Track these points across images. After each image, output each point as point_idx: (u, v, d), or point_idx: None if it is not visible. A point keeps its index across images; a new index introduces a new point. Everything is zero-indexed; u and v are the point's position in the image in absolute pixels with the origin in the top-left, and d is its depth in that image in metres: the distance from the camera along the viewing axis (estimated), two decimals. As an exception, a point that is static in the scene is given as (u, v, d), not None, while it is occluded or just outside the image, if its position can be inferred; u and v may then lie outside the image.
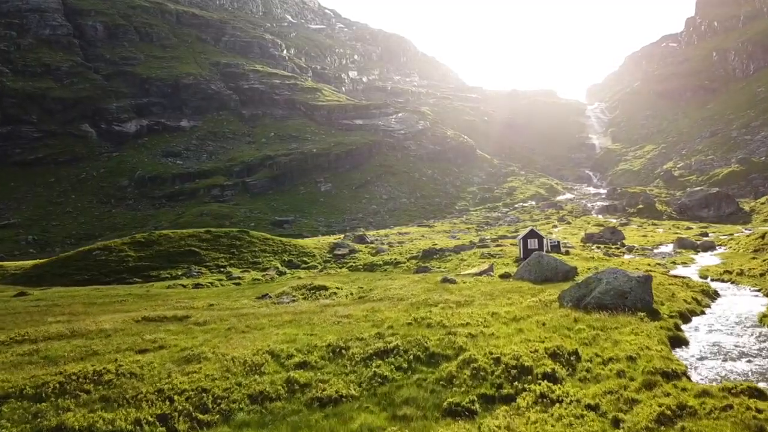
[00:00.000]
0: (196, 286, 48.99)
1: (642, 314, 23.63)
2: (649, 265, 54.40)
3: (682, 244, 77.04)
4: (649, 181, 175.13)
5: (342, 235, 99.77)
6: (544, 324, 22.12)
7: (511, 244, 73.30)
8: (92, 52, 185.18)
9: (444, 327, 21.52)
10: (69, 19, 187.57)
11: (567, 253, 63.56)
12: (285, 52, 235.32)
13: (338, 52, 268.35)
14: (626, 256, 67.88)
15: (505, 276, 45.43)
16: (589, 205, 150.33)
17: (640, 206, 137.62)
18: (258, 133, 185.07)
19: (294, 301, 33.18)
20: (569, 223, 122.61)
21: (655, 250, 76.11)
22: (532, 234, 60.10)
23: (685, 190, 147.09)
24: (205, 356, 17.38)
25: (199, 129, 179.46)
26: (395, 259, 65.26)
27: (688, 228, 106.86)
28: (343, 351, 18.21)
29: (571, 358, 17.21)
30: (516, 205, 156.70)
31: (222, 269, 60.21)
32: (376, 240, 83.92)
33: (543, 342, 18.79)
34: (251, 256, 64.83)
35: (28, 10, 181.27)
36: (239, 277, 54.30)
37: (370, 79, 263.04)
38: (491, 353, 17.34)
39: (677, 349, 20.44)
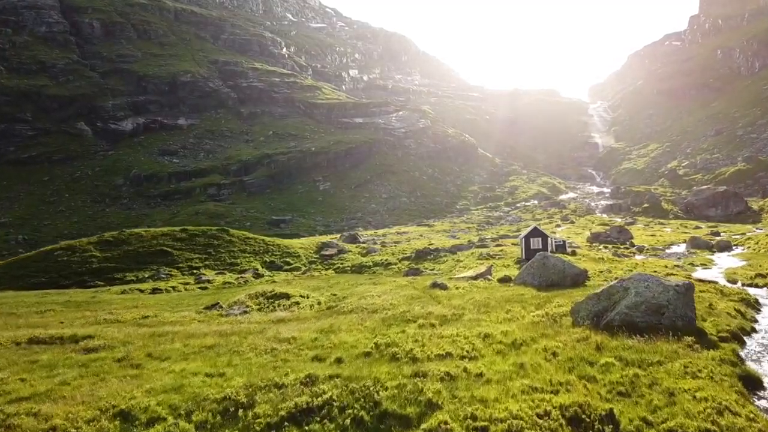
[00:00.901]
0: (154, 291, 42.33)
1: (689, 339, 16.76)
2: (666, 267, 47.52)
3: (696, 244, 69.98)
4: (653, 180, 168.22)
5: (338, 235, 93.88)
6: (555, 354, 15.32)
7: (512, 244, 66.46)
8: (89, 49, 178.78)
9: (413, 361, 14.74)
10: (65, 17, 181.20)
11: (573, 253, 56.70)
12: (285, 50, 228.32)
13: (339, 50, 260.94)
14: (637, 257, 61.00)
15: (504, 280, 38.57)
16: (592, 204, 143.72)
17: (646, 205, 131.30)
18: (256, 131, 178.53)
19: (245, 312, 26.57)
20: (573, 222, 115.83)
21: (668, 251, 68.98)
22: (536, 232, 53.07)
23: (691, 189, 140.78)
24: (10, 423, 10.68)
25: (197, 127, 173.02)
26: (386, 260, 58.49)
27: (697, 227, 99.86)
28: (242, 410, 11.41)
29: (605, 430, 10.38)
30: (518, 205, 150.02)
31: (195, 271, 53.54)
32: (369, 240, 77.18)
33: (557, 393, 11.94)
34: (229, 256, 58.06)
35: (24, 7, 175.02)
36: (209, 281, 47.49)
37: (371, 78, 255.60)
38: (475, 418, 10.54)
39: (754, 398, 13.60)
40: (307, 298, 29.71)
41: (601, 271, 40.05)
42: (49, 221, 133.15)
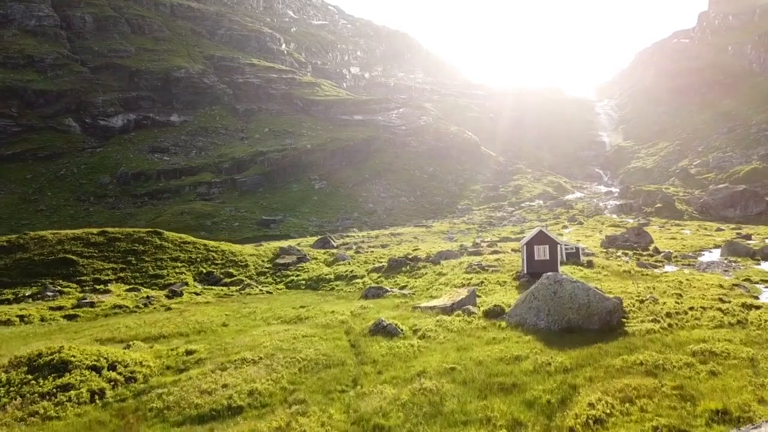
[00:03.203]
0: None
1: None
2: (721, 286, 32.92)
3: (734, 250, 55.16)
4: (663, 180, 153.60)
5: (322, 237, 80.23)
6: None
7: (512, 250, 51.87)
8: (80, 44, 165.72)
9: None
10: (56, 10, 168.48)
11: (590, 264, 41.91)
12: (284, 46, 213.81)
13: (340, 48, 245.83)
14: (668, 267, 46.34)
15: (493, 314, 24.09)
16: (601, 204, 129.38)
17: (658, 205, 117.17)
18: (252, 128, 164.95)
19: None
20: (581, 223, 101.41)
21: (701, 258, 54.14)
22: (541, 238, 37.96)
23: (706, 189, 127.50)
24: None
25: (190, 124, 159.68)
26: (351, 271, 44.27)
27: (719, 229, 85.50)
28: None
29: None
30: (522, 204, 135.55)
31: (99, 286, 39.40)
32: (343, 245, 62.67)
33: None
34: (154, 266, 43.97)
35: (13, 0, 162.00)
36: (93, 303, 33.13)
37: (373, 76, 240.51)
38: None
39: None
40: (110, 369, 15.37)
41: (642, 301, 25.44)
42: (28, 221, 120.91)
